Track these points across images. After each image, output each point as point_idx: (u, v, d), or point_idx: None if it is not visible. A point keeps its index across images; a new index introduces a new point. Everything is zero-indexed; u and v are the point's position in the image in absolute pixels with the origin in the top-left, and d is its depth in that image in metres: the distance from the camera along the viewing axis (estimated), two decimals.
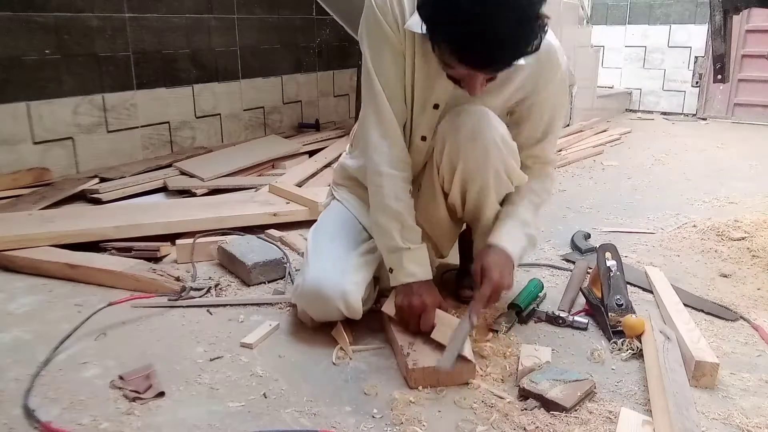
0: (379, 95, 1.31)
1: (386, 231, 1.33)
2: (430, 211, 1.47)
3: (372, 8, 1.28)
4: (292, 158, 3.07)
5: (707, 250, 1.98)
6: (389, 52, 1.29)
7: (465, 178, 1.36)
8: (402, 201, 1.33)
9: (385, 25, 1.27)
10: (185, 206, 2.21)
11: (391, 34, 1.28)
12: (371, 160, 1.35)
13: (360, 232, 1.46)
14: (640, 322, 1.36)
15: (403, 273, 1.33)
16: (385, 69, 1.31)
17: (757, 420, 1.12)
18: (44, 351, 1.31)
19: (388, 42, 1.28)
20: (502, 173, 1.34)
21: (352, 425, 1.09)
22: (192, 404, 1.15)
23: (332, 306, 1.32)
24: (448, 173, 1.37)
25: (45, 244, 1.82)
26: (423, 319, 1.29)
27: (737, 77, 4.56)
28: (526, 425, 1.08)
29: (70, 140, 2.66)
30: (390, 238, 1.33)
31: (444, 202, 1.45)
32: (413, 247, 1.34)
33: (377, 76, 1.31)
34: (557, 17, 3.76)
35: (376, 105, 1.33)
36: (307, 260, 1.40)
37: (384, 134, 1.33)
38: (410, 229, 1.34)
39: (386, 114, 1.32)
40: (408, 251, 1.33)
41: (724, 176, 3.01)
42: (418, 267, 1.34)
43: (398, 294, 1.35)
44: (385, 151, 1.33)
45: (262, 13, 3.47)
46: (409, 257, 1.33)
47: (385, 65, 1.30)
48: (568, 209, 2.43)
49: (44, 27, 2.53)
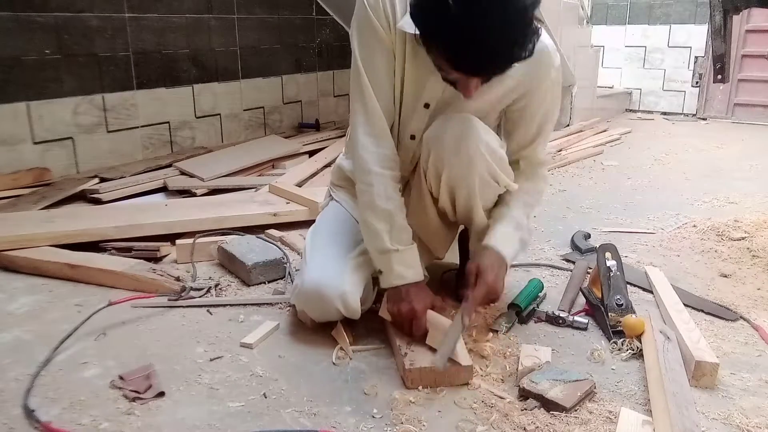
0: (367, 93, 1.31)
1: (375, 232, 1.32)
2: (420, 215, 1.46)
3: (363, 7, 1.28)
4: (292, 158, 3.07)
5: (707, 250, 1.97)
6: (379, 50, 1.29)
7: (451, 185, 1.36)
8: (392, 200, 1.32)
9: (376, 24, 1.27)
10: (185, 206, 2.21)
11: (381, 32, 1.28)
12: (360, 159, 1.34)
13: (359, 233, 1.46)
14: (640, 322, 1.36)
15: (392, 275, 1.32)
16: (374, 67, 1.30)
17: (757, 420, 1.12)
18: (44, 351, 1.31)
19: (379, 40, 1.28)
20: (488, 179, 1.34)
21: (352, 425, 1.09)
22: (192, 404, 1.15)
23: (331, 306, 1.32)
24: (434, 180, 1.38)
25: (45, 244, 1.82)
26: (414, 325, 1.29)
27: (737, 77, 4.56)
28: (526, 425, 1.08)
29: (70, 140, 2.66)
30: (379, 240, 1.31)
31: (434, 206, 1.45)
32: (402, 249, 1.32)
33: (366, 74, 1.30)
34: (557, 17, 3.76)
35: (364, 103, 1.32)
36: (305, 261, 1.40)
37: (372, 132, 1.33)
38: (400, 229, 1.33)
39: (374, 112, 1.32)
40: (397, 253, 1.31)
41: (724, 176, 3.01)
42: (408, 269, 1.32)
43: (389, 299, 1.34)
44: (373, 150, 1.32)
45: (262, 13, 3.47)
46: (398, 259, 1.31)
47: (375, 63, 1.30)
48: (568, 209, 2.43)
49: (44, 27, 2.53)
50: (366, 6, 1.27)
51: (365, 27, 1.29)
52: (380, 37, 1.28)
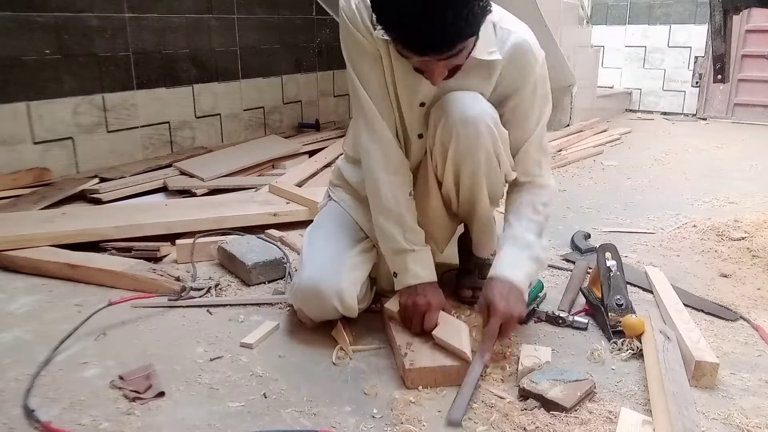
0: (365, 104, 1.33)
1: (389, 234, 1.34)
2: (424, 201, 1.46)
3: (344, 21, 1.30)
4: (292, 158, 3.07)
5: (707, 250, 1.97)
6: (367, 60, 1.31)
7: (457, 160, 1.34)
8: (401, 204, 1.34)
9: (357, 35, 1.29)
10: (185, 206, 2.21)
11: (365, 42, 1.29)
12: (367, 167, 1.36)
13: (357, 232, 1.46)
14: (640, 322, 1.36)
15: (408, 275, 1.33)
16: (366, 76, 1.32)
17: (757, 420, 1.12)
18: (44, 351, 1.31)
19: (364, 50, 1.31)
20: (492, 156, 1.33)
21: (352, 425, 1.09)
22: (192, 404, 1.15)
23: (328, 304, 1.33)
24: (440, 156, 1.36)
25: (45, 244, 1.82)
26: (426, 317, 1.29)
27: (737, 77, 4.56)
28: (526, 425, 1.08)
29: (70, 140, 2.66)
30: (393, 241, 1.34)
31: (438, 192, 1.44)
32: (417, 249, 1.34)
33: (361, 84, 1.33)
34: (557, 17, 3.76)
35: (364, 113, 1.34)
36: (303, 259, 1.41)
37: (374, 138, 1.34)
38: (412, 231, 1.35)
39: (375, 120, 1.34)
40: (412, 253, 1.33)
41: (724, 176, 3.01)
42: (423, 269, 1.34)
43: (402, 294, 1.35)
44: (378, 156, 1.34)
45: (262, 13, 3.47)
46: (413, 259, 1.33)
47: (365, 72, 1.32)
48: (568, 209, 2.43)
49: (44, 27, 2.53)
50: (346, 19, 1.29)
51: (349, 40, 1.31)
52: (364, 47, 1.30)
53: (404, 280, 1.34)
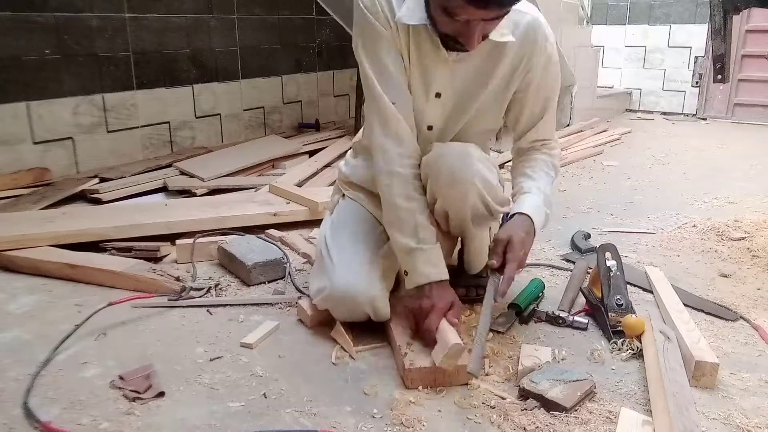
0: (381, 102, 1.33)
1: (399, 231, 1.34)
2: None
3: (361, 11, 1.30)
4: (292, 158, 3.07)
5: (707, 250, 1.97)
6: (386, 49, 1.31)
7: (446, 211, 1.37)
8: (413, 200, 1.34)
9: (377, 24, 1.29)
10: (185, 206, 2.21)
11: (384, 31, 1.30)
12: (378, 163, 1.36)
13: (381, 233, 1.45)
14: (640, 322, 1.36)
15: (417, 275, 1.33)
16: (385, 69, 1.32)
17: (757, 420, 1.12)
18: (44, 351, 1.31)
19: (383, 39, 1.31)
20: (480, 206, 1.35)
21: (352, 425, 1.09)
22: (192, 404, 1.15)
23: (360, 311, 1.35)
24: (430, 199, 1.38)
25: (45, 244, 1.82)
26: (427, 320, 1.27)
27: (737, 77, 4.56)
28: (526, 425, 1.08)
29: (70, 140, 2.66)
30: (403, 239, 1.33)
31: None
32: (426, 247, 1.33)
33: (378, 82, 1.32)
34: (557, 17, 3.76)
35: (378, 109, 1.34)
36: (331, 261, 1.39)
37: (389, 133, 1.34)
38: (423, 228, 1.33)
39: (391, 116, 1.33)
40: (422, 251, 1.32)
41: (724, 176, 3.01)
42: (433, 268, 1.33)
43: (410, 296, 1.36)
44: (391, 150, 1.34)
45: (262, 13, 3.47)
46: (422, 258, 1.32)
47: (385, 65, 1.32)
48: (568, 209, 2.43)
49: (44, 27, 2.53)
50: (363, 9, 1.30)
51: (367, 30, 1.31)
52: (383, 35, 1.30)
53: (414, 279, 1.33)
